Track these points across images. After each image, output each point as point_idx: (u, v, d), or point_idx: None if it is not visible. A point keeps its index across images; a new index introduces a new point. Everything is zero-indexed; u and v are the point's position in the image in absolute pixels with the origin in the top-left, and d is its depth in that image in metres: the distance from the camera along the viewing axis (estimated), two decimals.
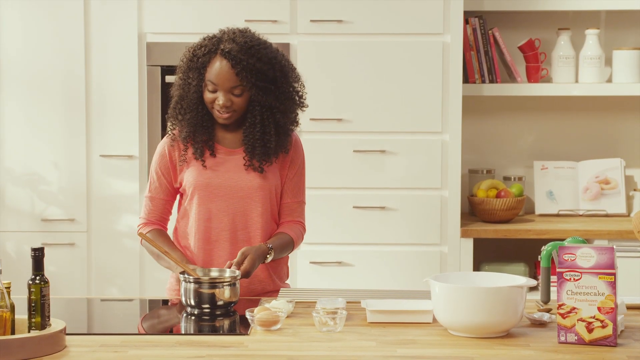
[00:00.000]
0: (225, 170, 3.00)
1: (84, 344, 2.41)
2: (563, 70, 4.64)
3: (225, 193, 3.00)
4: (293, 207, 3.09)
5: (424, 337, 2.47)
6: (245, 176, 2.99)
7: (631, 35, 4.76)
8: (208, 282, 2.74)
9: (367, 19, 4.33)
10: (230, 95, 2.94)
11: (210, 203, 3.00)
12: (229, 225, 2.99)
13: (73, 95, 4.39)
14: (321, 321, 2.52)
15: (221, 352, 2.34)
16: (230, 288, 2.75)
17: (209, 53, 2.95)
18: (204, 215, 3.00)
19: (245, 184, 2.99)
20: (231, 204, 3.00)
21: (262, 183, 3.00)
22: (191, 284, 2.73)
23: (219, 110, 2.95)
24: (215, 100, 2.95)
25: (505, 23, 4.73)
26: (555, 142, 4.83)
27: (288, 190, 3.08)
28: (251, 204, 3.00)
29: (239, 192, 2.99)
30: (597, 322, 2.37)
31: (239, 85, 2.93)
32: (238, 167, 3.01)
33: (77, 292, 4.39)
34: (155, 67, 4.37)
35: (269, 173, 3.01)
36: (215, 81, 2.93)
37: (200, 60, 2.95)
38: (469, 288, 2.44)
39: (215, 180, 2.99)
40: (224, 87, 2.93)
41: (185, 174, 3.02)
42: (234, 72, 2.92)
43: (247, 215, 3.00)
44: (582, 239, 2.73)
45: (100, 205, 4.42)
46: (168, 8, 4.36)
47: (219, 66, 2.93)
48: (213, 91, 2.94)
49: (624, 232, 4.29)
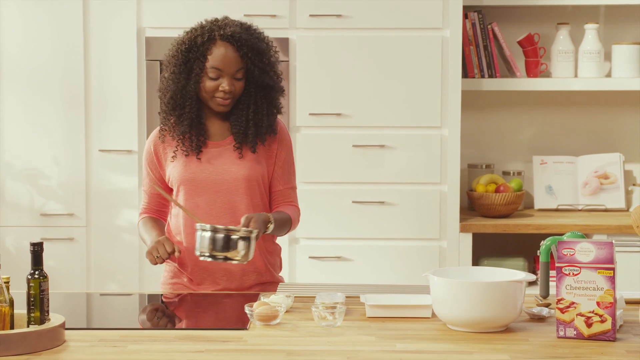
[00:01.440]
0: (210, 163, 3.00)
1: (83, 338, 2.41)
2: (562, 65, 4.64)
3: (210, 187, 2.99)
4: (286, 193, 3.09)
5: (423, 331, 2.48)
6: (231, 168, 2.99)
7: (630, 30, 4.76)
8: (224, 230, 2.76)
9: (367, 13, 4.32)
10: (233, 79, 2.94)
11: (197, 197, 2.99)
12: (216, 218, 2.97)
13: (72, 90, 4.38)
14: (320, 316, 2.52)
15: (220, 346, 2.34)
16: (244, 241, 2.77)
17: (208, 40, 2.94)
18: (191, 210, 2.99)
19: (230, 177, 2.98)
20: (218, 197, 2.99)
21: (248, 174, 2.99)
22: (207, 232, 2.75)
23: (222, 97, 2.95)
24: (217, 88, 2.94)
25: (504, 18, 4.73)
26: (555, 137, 4.83)
27: (278, 178, 3.07)
28: (237, 196, 2.99)
29: (224, 185, 2.99)
30: (596, 316, 2.37)
31: (242, 68, 2.94)
32: (224, 159, 3.00)
33: (76, 286, 4.39)
34: (154, 62, 4.36)
35: (254, 163, 3.00)
36: (220, 66, 2.92)
37: (200, 49, 2.94)
38: (468, 283, 2.44)
39: (200, 174, 2.99)
40: (229, 71, 2.93)
41: (171, 169, 3.02)
42: (238, 55, 2.93)
43: (234, 208, 2.99)
44: (581, 233, 2.73)
45: (99, 200, 4.42)
46: (167, 2, 4.35)
47: (223, 51, 2.93)
48: (216, 78, 2.93)
49: (623, 226, 4.29)
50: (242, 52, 2.93)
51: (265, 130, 3.00)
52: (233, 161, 3.00)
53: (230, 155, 3.01)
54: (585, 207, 4.70)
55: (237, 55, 2.93)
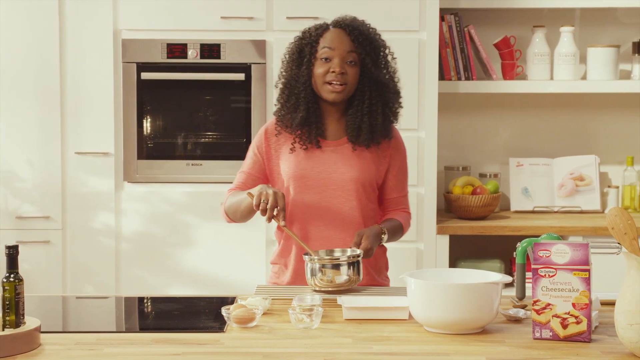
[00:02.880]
0: (321, 162, 3.03)
1: (59, 342, 2.39)
2: (538, 68, 4.66)
3: (319, 185, 3.02)
4: (398, 201, 3.15)
5: (400, 333, 2.48)
6: (340, 169, 3.02)
7: (605, 33, 4.79)
8: (330, 261, 2.83)
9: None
10: (345, 64, 2.97)
11: (305, 194, 3.03)
12: (322, 218, 3.01)
13: (48, 92, 4.36)
14: (297, 318, 2.52)
15: (197, 349, 2.34)
16: (351, 266, 2.85)
17: (320, 27, 3.02)
18: (299, 206, 3.02)
19: (339, 177, 3.02)
20: (324, 197, 3.02)
21: (357, 176, 3.02)
22: (316, 264, 2.83)
23: (333, 81, 2.97)
24: (328, 71, 2.97)
25: (480, 20, 4.75)
26: (531, 139, 4.85)
27: (392, 186, 3.12)
28: (344, 197, 3.02)
29: (332, 184, 3.02)
30: (571, 318, 2.38)
31: (353, 50, 2.98)
32: (336, 160, 3.03)
33: (52, 290, 4.37)
34: (130, 64, 4.35)
35: (365, 167, 3.03)
36: (331, 45, 2.98)
37: (312, 35, 3.00)
38: (444, 285, 2.45)
39: (310, 172, 3.02)
40: (340, 51, 2.97)
41: (283, 163, 3.05)
42: (349, 38, 2.99)
43: (340, 208, 3.02)
44: (557, 235, 2.74)
45: (75, 203, 4.40)
46: (143, 5, 4.34)
47: (335, 33, 3.00)
48: (327, 59, 2.97)
49: (598, 228, 4.32)
50: (354, 36, 2.98)
51: (380, 130, 3.02)
52: (344, 162, 3.03)
53: (343, 156, 3.03)
54: (561, 209, 4.72)
55: (348, 39, 2.99)
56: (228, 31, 4.34)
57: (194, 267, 4.40)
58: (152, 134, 4.40)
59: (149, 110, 4.39)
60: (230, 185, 3.16)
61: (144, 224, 4.39)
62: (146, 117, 4.39)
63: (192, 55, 4.34)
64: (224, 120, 4.41)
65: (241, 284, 4.35)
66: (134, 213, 4.39)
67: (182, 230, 4.40)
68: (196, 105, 4.41)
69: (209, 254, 4.40)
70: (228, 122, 4.40)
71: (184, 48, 4.34)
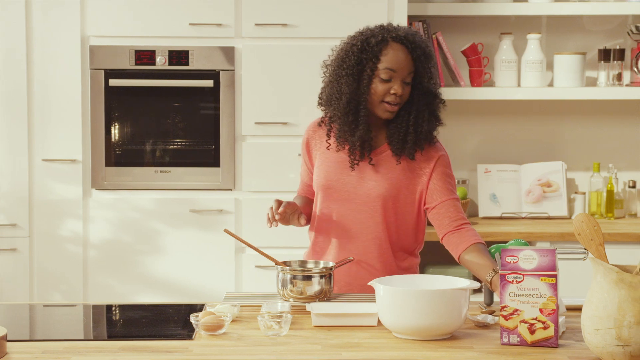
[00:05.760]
0: (351, 174, 2.99)
1: (26, 350, 2.38)
2: (505, 75, 4.69)
3: (345, 198, 2.99)
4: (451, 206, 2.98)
5: (369, 340, 2.48)
6: (369, 184, 2.97)
7: (572, 40, 4.83)
8: (302, 272, 2.87)
9: (312, 23, 4.34)
10: (403, 83, 2.91)
11: (331, 204, 3.01)
12: (345, 231, 3.00)
13: (15, 98, 4.33)
14: (266, 325, 2.52)
15: (165, 357, 2.33)
16: (323, 278, 2.86)
17: (382, 41, 2.90)
18: (325, 216, 3.02)
19: (364, 192, 2.97)
20: (349, 210, 2.99)
21: (383, 192, 2.95)
22: (287, 274, 2.87)
23: (392, 102, 2.91)
24: (388, 91, 2.90)
25: (448, 27, 4.77)
26: (498, 146, 4.88)
27: (437, 190, 2.97)
28: (369, 212, 2.97)
29: (358, 199, 2.98)
30: (539, 323, 2.39)
31: (412, 71, 2.91)
32: (365, 172, 2.98)
33: (19, 298, 4.33)
34: (98, 71, 4.33)
35: (394, 182, 2.96)
36: (394, 67, 2.89)
37: (373, 50, 2.90)
38: (413, 291, 2.45)
39: (337, 183, 2.99)
40: (402, 73, 2.90)
41: (317, 167, 3.04)
42: (411, 57, 2.90)
43: (364, 223, 2.98)
44: (525, 241, 2.76)
45: (42, 210, 4.37)
46: (111, 11, 4.33)
47: (398, 52, 2.90)
48: (388, 79, 2.90)
49: (565, 234, 4.35)
50: (415, 55, 2.91)
51: (425, 137, 2.96)
52: (373, 176, 2.97)
53: (375, 168, 2.97)
54: (528, 215, 4.75)
55: (410, 58, 2.90)
56: (196, 38, 4.34)
57: (162, 275, 4.38)
58: (120, 140, 4.38)
59: (117, 117, 4.37)
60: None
61: (112, 231, 4.37)
62: (114, 123, 4.37)
63: (160, 61, 4.33)
64: (192, 127, 4.40)
65: (210, 291, 4.34)
66: (101, 220, 4.37)
67: (150, 237, 4.38)
68: (164, 112, 4.40)
69: (177, 261, 4.38)
70: (196, 129, 4.39)
71: (152, 55, 4.33)
